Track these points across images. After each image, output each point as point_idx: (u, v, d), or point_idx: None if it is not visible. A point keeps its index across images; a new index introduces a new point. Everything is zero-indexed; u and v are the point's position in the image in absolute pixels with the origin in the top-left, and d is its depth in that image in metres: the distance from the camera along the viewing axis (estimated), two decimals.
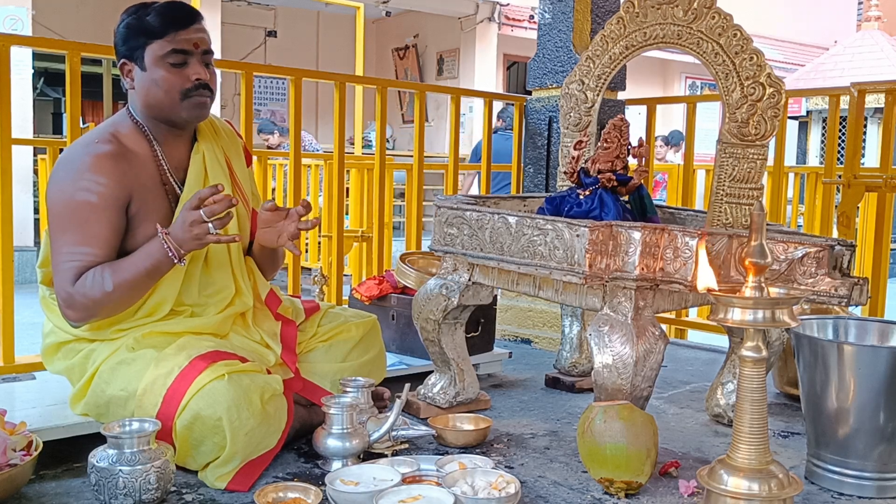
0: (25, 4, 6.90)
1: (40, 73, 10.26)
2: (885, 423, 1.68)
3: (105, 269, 1.71)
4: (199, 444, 1.66)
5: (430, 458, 1.76)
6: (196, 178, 1.87)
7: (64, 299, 1.73)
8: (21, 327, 2.51)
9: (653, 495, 1.69)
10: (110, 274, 1.71)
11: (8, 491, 1.56)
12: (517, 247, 1.89)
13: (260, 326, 1.95)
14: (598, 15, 3.20)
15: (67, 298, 1.72)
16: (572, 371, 2.58)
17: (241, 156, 2.05)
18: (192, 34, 1.81)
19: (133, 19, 1.82)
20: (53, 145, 5.58)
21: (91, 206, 1.72)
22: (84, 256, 1.72)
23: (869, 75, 9.58)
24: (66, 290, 1.72)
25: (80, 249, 1.72)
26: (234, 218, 1.89)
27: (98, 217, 1.73)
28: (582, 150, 2.20)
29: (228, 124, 2.08)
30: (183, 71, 1.80)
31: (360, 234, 4.73)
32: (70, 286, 1.71)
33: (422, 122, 3.24)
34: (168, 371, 1.68)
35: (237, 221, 1.93)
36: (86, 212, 1.72)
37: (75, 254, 1.72)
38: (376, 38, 12.10)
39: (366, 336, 2.12)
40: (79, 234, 1.72)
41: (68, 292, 1.72)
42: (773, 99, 2.06)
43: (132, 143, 1.83)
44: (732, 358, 2.19)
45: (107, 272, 1.71)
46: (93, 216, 1.73)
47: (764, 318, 1.42)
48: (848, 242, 1.78)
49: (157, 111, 1.83)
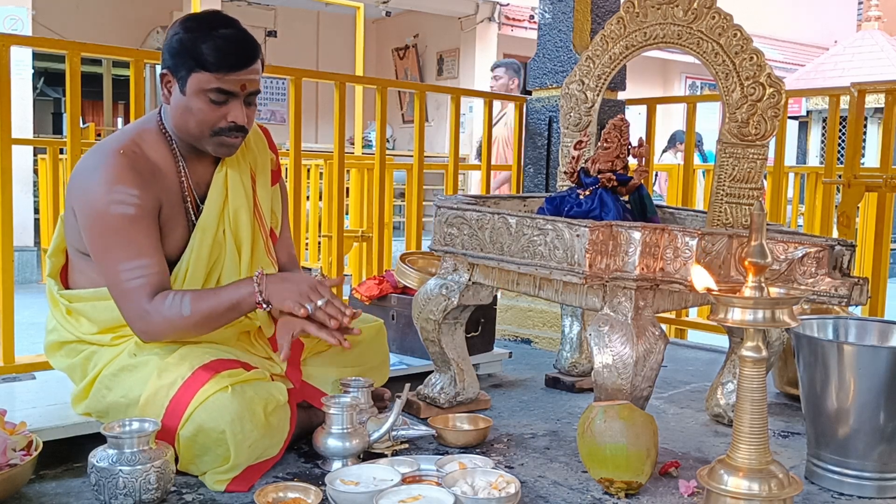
0: (25, 4, 6.89)
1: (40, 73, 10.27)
2: (885, 423, 1.68)
3: (186, 294, 1.69)
4: (202, 454, 1.65)
5: (430, 458, 1.76)
6: (216, 197, 1.83)
7: (140, 317, 1.68)
8: (21, 327, 2.51)
9: (653, 495, 1.69)
10: (190, 300, 1.68)
11: (8, 491, 1.55)
12: (517, 247, 1.89)
13: (265, 342, 1.93)
14: (598, 15, 3.20)
15: (144, 316, 1.68)
16: (572, 371, 2.58)
17: (267, 171, 1.97)
18: (242, 76, 1.72)
19: (188, 39, 1.71)
20: (53, 145, 5.59)
21: (130, 219, 1.68)
22: (145, 270, 1.68)
23: (869, 75, 9.58)
24: (143, 308, 1.67)
25: (138, 263, 1.68)
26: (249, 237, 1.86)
27: (140, 228, 1.69)
28: (582, 150, 2.20)
29: (263, 132, 2.01)
30: (221, 109, 1.73)
31: (360, 234, 4.73)
32: (147, 303, 1.67)
33: (422, 122, 3.24)
34: (171, 382, 1.67)
35: (250, 244, 1.87)
36: (126, 225, 1.67)
37: (135, 269, 1.68)
38: (376, 38, 12.11)
39: (371, 341, 2.09)
40: (129, 249, 1.68)
41: (146, 309, 1.67)
42: (773, 99, 2.06)
43: (156, 154, 1.78)
44: (732, 358, 2.19)
45: (187, 297, 1.68)
46: (134, 228, 1.68)
47: (764, 318, 1.42)
48: (848, 242, 1.78)
49: (185, 135, 1.78)
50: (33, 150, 6.89)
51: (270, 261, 1.94)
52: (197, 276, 1.80)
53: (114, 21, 9.87)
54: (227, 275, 1.84)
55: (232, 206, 1.85)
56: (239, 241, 1.86)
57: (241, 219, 1.86)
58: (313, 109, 10.51)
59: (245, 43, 1.74)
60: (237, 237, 1.86)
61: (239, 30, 1.75)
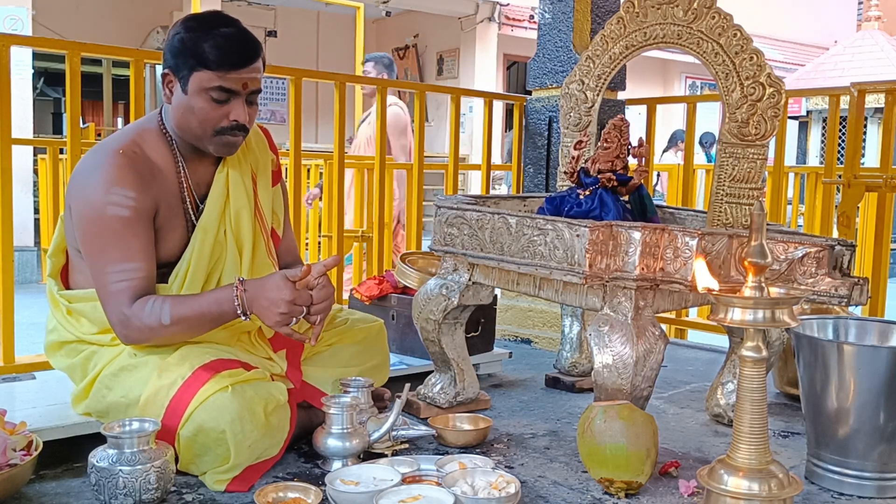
0: (25, 4, 6.89)
1: (40, 73, 10.27)
2: (885, 423, 1.68)
3: (166, 301, 1.68)
4: (202, 454, 1.65)
5: (430, 458, 1.76)
6: (217, 198, 1.83)
7: (121, 321, 1.68)
8: (21, 327, 2.51)
9: (653, 495, 1.69)
10: (170, 307, 1.67)
11: (8, 491, 1.56)
12: (517, 247, 1.89)
13: (265, 342, 1.94)
14: (598, 15, 3.20)
15: (124, 321, 1.67)
16: (572, 371, 2.58)
17: (268, 171, 1.97)
18: (244, 74, 1.72)
19: (190, 38, 1.71)
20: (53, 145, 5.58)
21: (125, 221, 1.67)
22: (133, 273, 1.68)
23: (869, 75, 9.58)
24: (122, 313, 1.67)
25: (126, 266, 1.67)
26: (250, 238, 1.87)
27: (134, 231, 1.69)
28: (582, 150, 2.20)
29: (263, 133, 2.01)
30: (223, 108, 1.73)
31: (360, 234, 4.73)
32: (127, 308, 1.67)
33: (422, 122, 3.24)
34: (171, 382, 1.67)
35: (251, 244, 1.88)
36: (120, 227, 1.67)
37: (122, 272, 1.67)
38: (376, 38, 12.11)
39: (370, 341, 2.09)
40: (120, 251, 1.67)
41: (125, 314, 1.67)
42: (773, 99, 2.06)
43: (156, 154, 1.78)
44: (732, 358, 2.19)
45: (167, 304, 1.67)
46: (127, 231, 1.68)
47: (764, 318, 1.42)
48: (848, 242, 1.78)
49: (187, 135, 1.78)
50: (33, 150, 6.88)
51: (271, 262, 1.94)
52: (198, 276, 1.80)
53: (114, 21, 9.87)
54: (227, 275, 1.84)
55: (233, 206, 1.85)
56: (240, 241, 1.86)
57: (242, 219, 1.86)
58: (313, 109, 10.52)
59: (246, 41, 1.74)
60: (238, 238, 1.86)
61: (240, 29, 1.75)
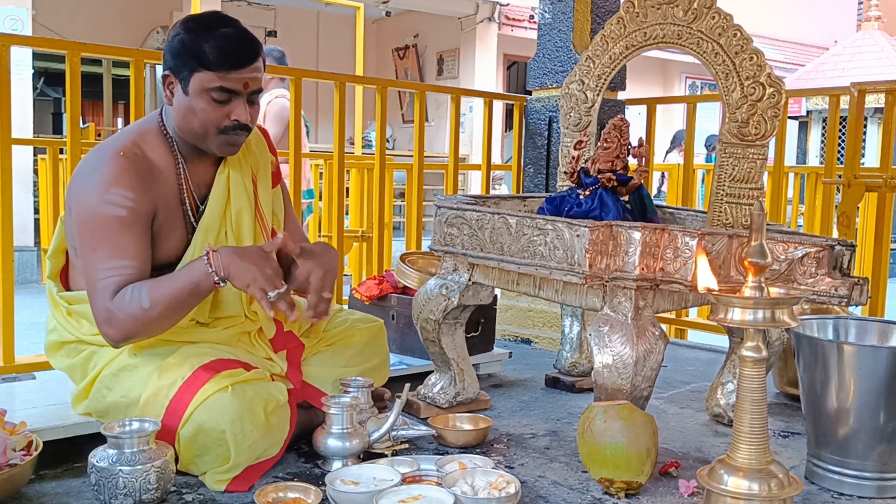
0: (25, 4, 6.89)
1: (40, 73, 10.27)
2: (885, 423, 1.68)
3: (143, 286, 1.63)
4: (202, 454, 1.66)
5: (430, 458, 1.76)
6: (218, 199, 1.82)
7: (105, 318, 1.64)
8: (21, 327, 2.51)
9: (653, 495, 1.69)
10: (147, 290, 1.62)
11: (8, 491, 1.56)
12: (517, 247, 1.89)
13: (266, 342, 1.93)
14: (598, 15, 3.20)
15: (108, 316, 1.64)
16: (572, 371, 2.58)
17: (268, 173, 1.97)
18: (244, 74, 1.71)
19: (190, 39, 1.70)
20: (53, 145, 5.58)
21: (121, 221, 1.66)
22: (120, 270, 1.65)
23: (869, 75, 9.58)
24: (106, 308, 1.63)
25: (115, 264, 1.65)
26: (251, 239, 1.85)
27: (129, 231, 1.67)
28: (582, 150, 2.20)
29: (263, 135, 2.00)
30: (224, 108, 1.72)
31: (360, 234, 4.73)
32: (109, 302, 1.63)
33: (422, 122, 3.24)
34: (171, 382, 1.67)
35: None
36: (115, 226, 1.66)
37: (111, 269, 1.65)
38: (376, 38, 12.11)
39: (370, 341, 2.09)
40: (111, 249, 1.66)
41: (108, 309, 1.63)
42: (773, 99, 2.06)
43: (156, 155, 1.77)
44: (732, 358, 2.19)
45: (144, 288, 1.63)
46: (124, 230, 1.66)
47: (764, 318, 1.42)
48: (848, 242, 1.78)
49: (189, 136, 1.77)
50: (33, 150, 6.88)
51: None
52: None
53: (114, 21, 9.87)
54: None
55: (234, 207, 1.85)
56: (241, 242, 1.85)
57: (243, 220, 1.86)
58: (313, 109, 10.52)
59: (246, 41, 1.74)
60: (239, 238, 1.85)
61: (240, 29, 1.75)
